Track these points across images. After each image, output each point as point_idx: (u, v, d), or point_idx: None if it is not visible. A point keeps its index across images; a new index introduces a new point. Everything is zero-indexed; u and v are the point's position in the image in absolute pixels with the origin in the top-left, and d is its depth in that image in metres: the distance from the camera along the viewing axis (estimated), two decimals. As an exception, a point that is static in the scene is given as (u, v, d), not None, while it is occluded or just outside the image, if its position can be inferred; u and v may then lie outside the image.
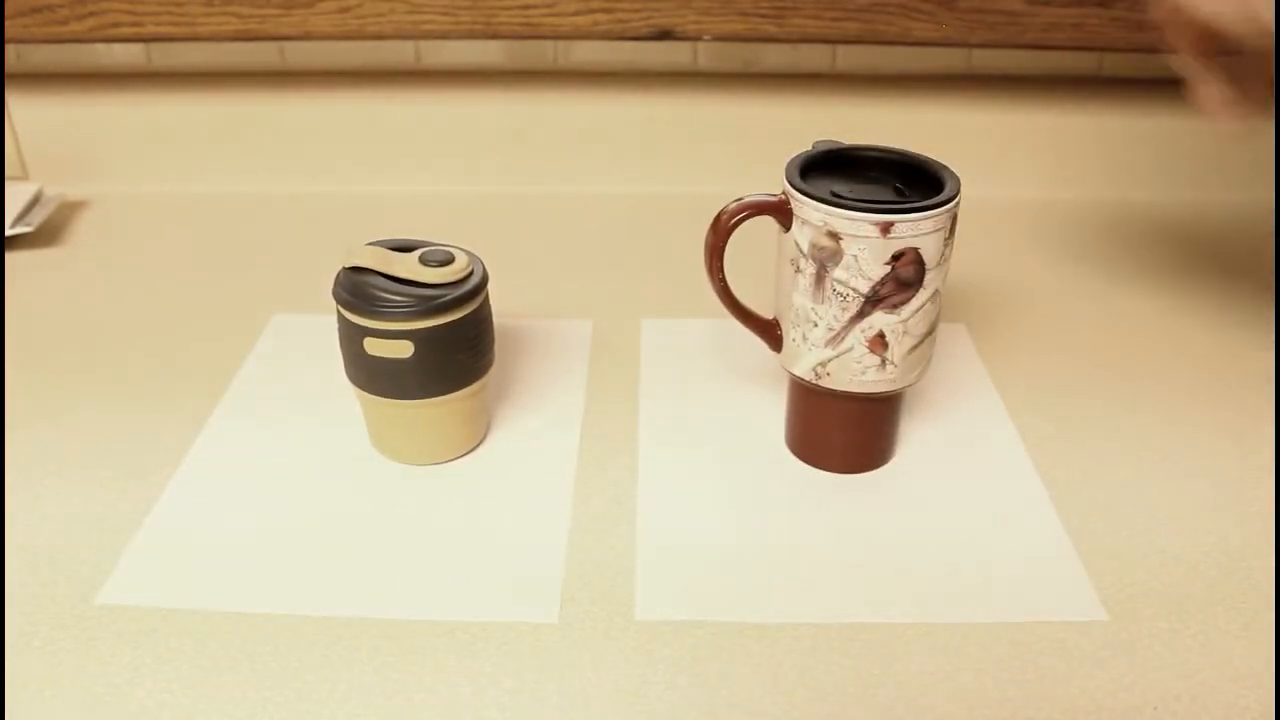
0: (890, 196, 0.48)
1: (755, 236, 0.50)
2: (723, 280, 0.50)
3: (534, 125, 0.79)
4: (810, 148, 0.50)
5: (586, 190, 0.81)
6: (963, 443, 0.55)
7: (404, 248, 0.51)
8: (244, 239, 0.74)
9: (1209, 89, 0.51)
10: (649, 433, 0.55)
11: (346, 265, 0.50)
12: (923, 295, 0.47)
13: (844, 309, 0.47)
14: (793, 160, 0.49)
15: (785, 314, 0.50)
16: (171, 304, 0.66)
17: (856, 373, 0.49)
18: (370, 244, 0.51)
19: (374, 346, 0.49)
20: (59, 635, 0.43)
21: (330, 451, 0.54)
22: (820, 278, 0.47)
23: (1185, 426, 0.56)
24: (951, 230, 0.47)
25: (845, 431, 0.52)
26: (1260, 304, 0.68)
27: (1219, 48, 0.50)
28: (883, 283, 0.46)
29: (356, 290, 0.49)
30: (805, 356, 0.49)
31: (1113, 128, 0.80)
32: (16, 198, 0.74)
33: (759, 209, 0.48)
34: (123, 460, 0.53)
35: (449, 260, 0.50)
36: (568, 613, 0.45)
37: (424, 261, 0.49)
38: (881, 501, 0.51)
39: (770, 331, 0.51)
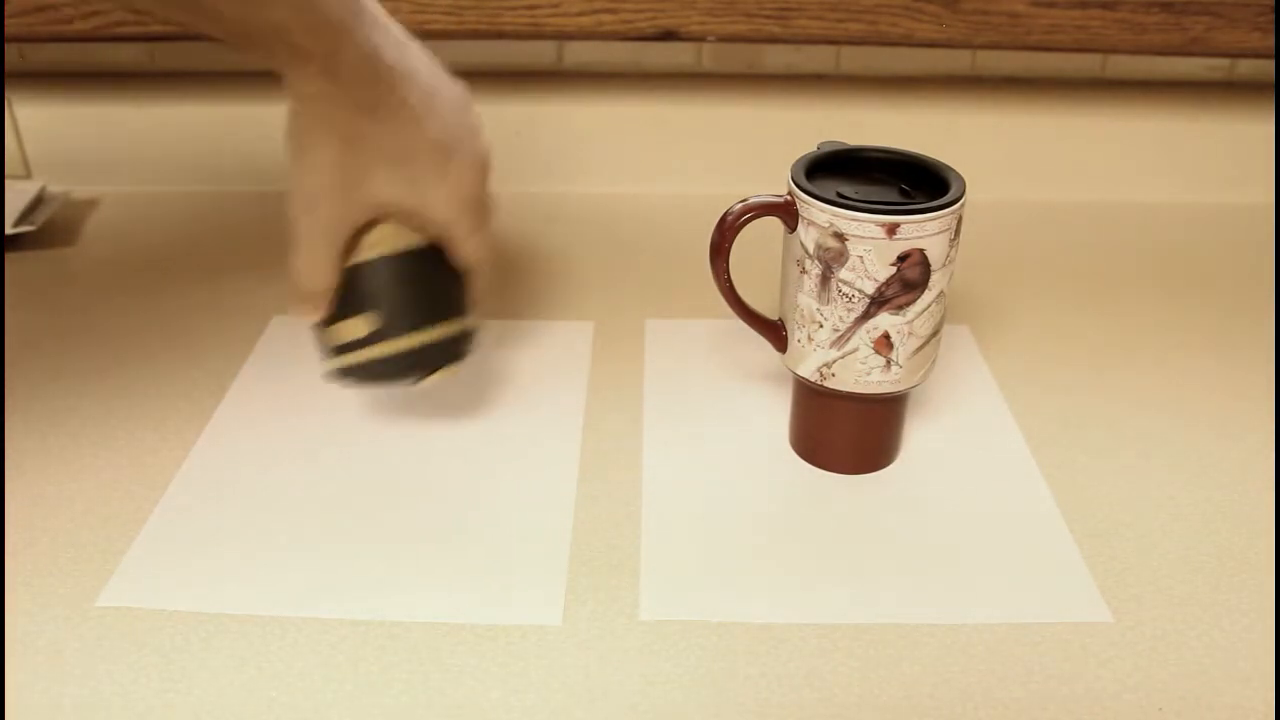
0: (896, 198, 0.48)
1: (761, 237, 0.50)
2: (728, 281, 0.50)
3: (537, 125, 0.79)
4: (815, 149, 0.50)
5: (589, 190, 0.81)
6: (967, 444, 0.55)
7: None
8: (244, 239, 0.74)
9: None
10: (653, 433, 0.55)
11: None
12: (928, 296, 0.47)
13: (849, 310, 0.47)
14: (798, 161, 0.49)
15: (790, 315, 0.50)
16: (172, 304, 0.66)
17: (861, 374, 0.49)
18: None
19: None
20: (61, 637, 0.43)
21: (331, 453, 0.54)
22: (826, 278, 0.47)
23: (1188, 427, 0.56)
24: (957, 232, 0.47)
25: (850, 432, 0.52)
26: (1261, 304, 0.68)
27: None
28: (888, 284, 0.46)
29: None
30: (810, 357, 0.49)
31: (1116, 129, 0.80)
32: (19, 197, 0.74)
33: (764, 210, 0.48)
34: (124, 461, 0.53)
35: None
36: (572, 614, 0.45)
37: None
38: (886, 502, 0.51)
39: (775, 332, 0.51)
